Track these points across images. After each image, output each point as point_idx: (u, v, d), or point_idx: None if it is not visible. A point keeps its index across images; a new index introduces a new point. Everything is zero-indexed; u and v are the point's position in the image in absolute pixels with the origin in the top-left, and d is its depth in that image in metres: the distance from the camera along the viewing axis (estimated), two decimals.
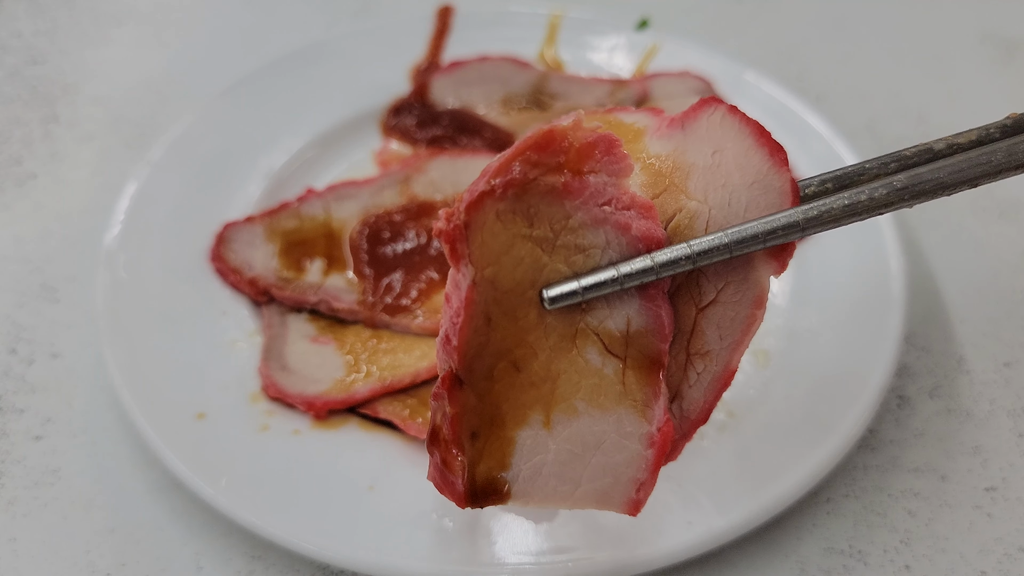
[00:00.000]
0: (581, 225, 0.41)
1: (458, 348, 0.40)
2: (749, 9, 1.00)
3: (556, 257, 0.41)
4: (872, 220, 0.65)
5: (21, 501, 0.56)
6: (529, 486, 0.42)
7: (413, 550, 0.48)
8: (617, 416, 0.42)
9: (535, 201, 0.40)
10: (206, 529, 0.54)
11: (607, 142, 0.41)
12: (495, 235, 0.40)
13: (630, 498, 0.42)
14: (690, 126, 0.44)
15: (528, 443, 0.42)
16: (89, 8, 0.98)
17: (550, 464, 0.42)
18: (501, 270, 0.40)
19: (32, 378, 0.63)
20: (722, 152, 0.43)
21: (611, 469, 0.42)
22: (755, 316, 0.43)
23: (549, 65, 0.82)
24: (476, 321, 0.40)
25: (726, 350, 0.43)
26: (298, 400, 0.55)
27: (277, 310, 0.62)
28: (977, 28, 0.95)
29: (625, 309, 0.41)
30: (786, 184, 0.41)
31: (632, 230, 0.41)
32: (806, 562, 0.53)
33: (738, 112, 0.43)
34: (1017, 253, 0.72)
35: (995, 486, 0.57)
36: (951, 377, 0.63)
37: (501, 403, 0.41)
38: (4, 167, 0.79)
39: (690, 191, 0.43)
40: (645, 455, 0.42)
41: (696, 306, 0.43)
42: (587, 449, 0.42)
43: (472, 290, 0.40)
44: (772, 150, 0.42)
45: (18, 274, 0.70)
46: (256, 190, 0.70)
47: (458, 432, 0.41)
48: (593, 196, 0.41)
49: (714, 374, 0.43)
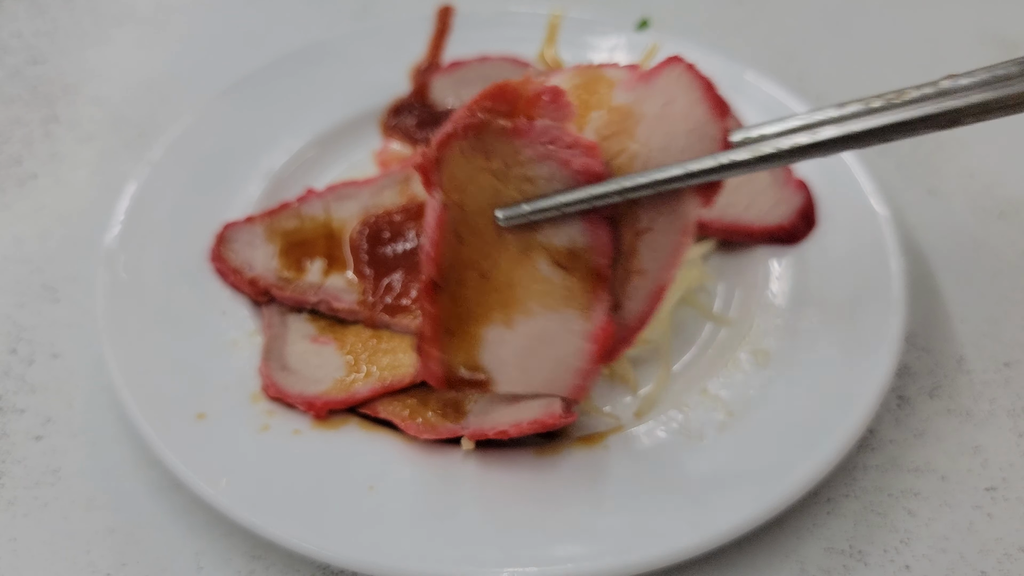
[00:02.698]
0: (528, 160, 0.50)
1: (434, 259, 0.50)
2: (749, 9, 1.00)
3: (510, 186, 0.50)
4: (872, 220, 0.66)
5: (21, 501, 0.56)
6: (495, 375, 0.51)
7: (413, 550, 0.48)
8: (564, 316, 0.50)
9: (491, 140, 0.50)
10: (206, 529, 0.54)
11: (552, 93, 0.50)
12: (460, 167, 0.50)
13: (575, 384, 0.51)
14: (652, 80, 0.51)
15: (493, 339, 0.51)
16: (89, 8, 0.98)
17: (511, 355, 0.51)
18: (466, 196, 0.50)
19: (32, 378, 0.63)
20: (672, 104, 0.50)
21: (560, 360, 0.51)
22: (683, 242, 0.51)
23: (549, 65, 0.82)
24: (448, 236, 0.50)
25: (659, 269, 0.51)
26: (298, 400, 0.55)
27: (277, 310, 0.62)
28: (977, 28, 0.95)
29: (570, 230, 0.50)
30: (719, 132, 0.49)
31: (572, 164, 0.49)
32: (806, 562, 0.53)
33: (694, 70, 0.50)
34: (1017, 253, 0.72)
35: (995, 486, 0.57)
36: (951, 377, 0.63)
37: (471, 305, 0.51)
38: (4, 167, 0.79)
39: (636, 135, 0.50)
40: (587, 348, 0.50)
41: (634, 231, 0.51)
42: (540, 343, 0.51)
43: (443, 211, 0.50)
44: (714, 103, 0.49)
45: (18, 274, 0.70)
46: (256, 190, 0.70)
47: (437, 329, 0.51)
48: (538, 136, 0.50)
49: (649, 289, 0.52)
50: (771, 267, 0.65)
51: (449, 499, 0.51)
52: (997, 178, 0.78)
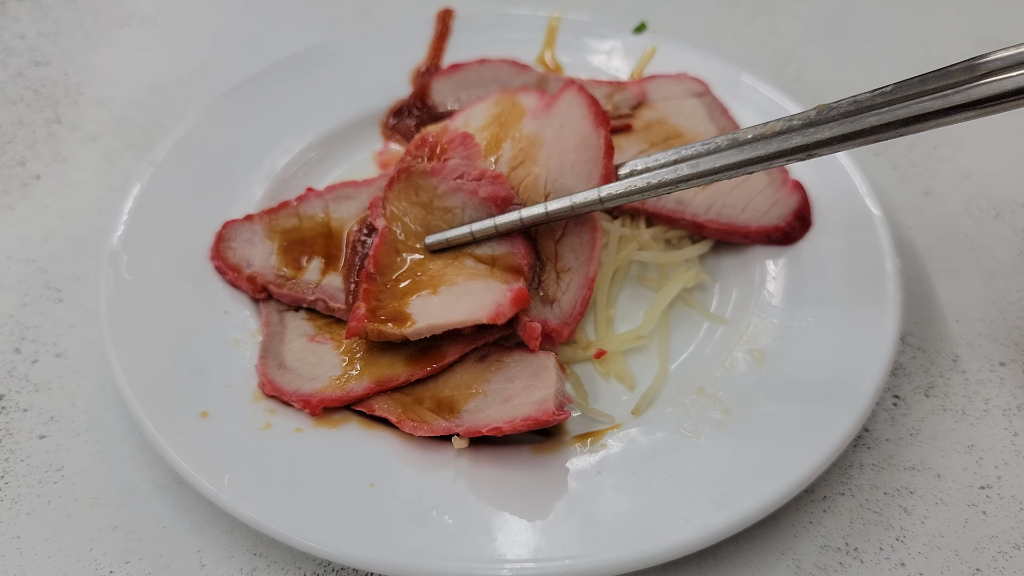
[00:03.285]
0: (444, 193, 0.62)
1: (373, 258, 0.61)
2: (746, 12, 1.00)
3: (435, 216, 0.63)
4: (867, 220, 0.66)
5: (25, 499, 0.56)
6: (416, 318, 0.56)
7: (414, 547, 0.48)
8: (487, 283, 0.58)
9: (416, 179, 0.63)
10: (209, 526, 0.54)
11: (462, 138, 0.64)
12: (399, 202, 0.63)
13: (493, 311, 0.55)
14: (552, 107, 0.63)
15: (419, 301, 0.58)
16: (92, 10, 0.99)
17: (434, 306, 0.57)
18: (403, 224, 0.63)
19: (36, 377, 0.63)
20: (566, 124, 0.62)
21: (479, 299, 0.57)
22: (595, 238, 0.61)
23: (548, 67, 0.82)
24: (388, 249, 0.61)
25: (582, 265, 0.61)
26: (294, 398, 0.56)
27: (275, 308, 0.63)
28: (971, 31, 0.96)
29: (490, 244, 0.61)
30: (601, 140, 0.59)
31: (479, 193, 0.61)
32: (802, 559, 0.53)
33: (583, 90, 0.61)
34: (1012, 253, 0.73)
35: (989, 484, 0.57)
36: (946, 376, 0.63)
37: (403, 293, 0.59)
38: (8, 168, 0.80)
39: (538, 160, 0.62)
40: (505, 292, 0.57)
41: (553, 240, 0.62)
42: (462, 295, 0.58)
43: (384, 232, 0.62)
44: (595, 115, 0.60)
45: (22, 274, 0.70)
46: (258, 191, 0.71)
47: (368, 295, 0.59)
48: (449, 173, 0.62)
49: (579, 282, 0.61)
50: (767, 267, 0.65)
51: (449, 496, 0.51)
52: (992, 179, 0.79)
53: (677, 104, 0.77)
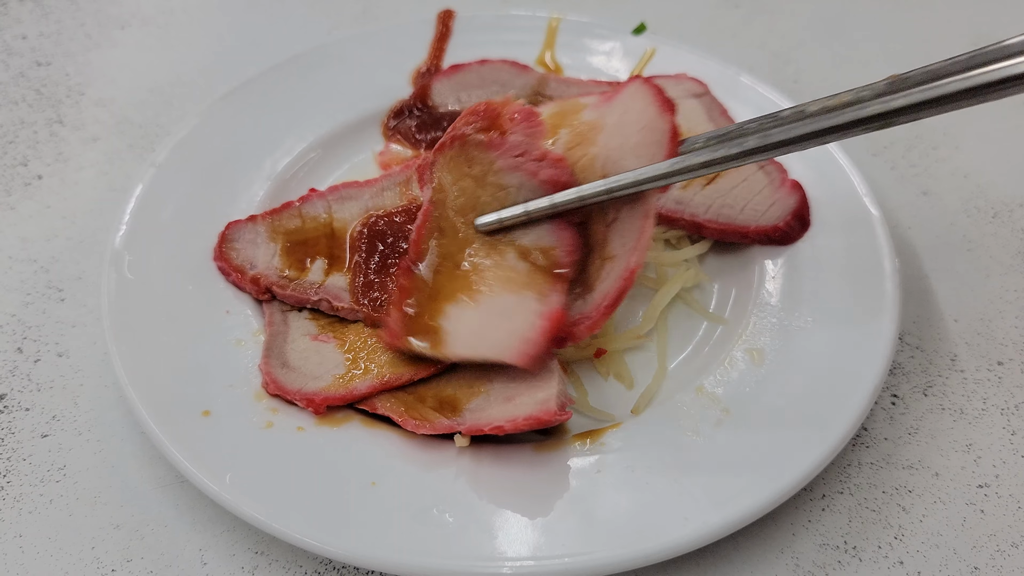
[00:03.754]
0: (501, 170, 0.58)
1: (415, 241, 0.58)
2: (745, 12, 1.01)
3: (486, 192, 0.58)
4: (866, 220, 0.66)
5: (27, 498, 0.56)
6: (449, 338, 0.55)
7: (414, 545, 0.48)
8: (523, 296, 0.56)
9: (472, 150, 0.59)
10: (211, 524, 0.55)
11: (526, 113, 0.58)
12: (448, 172, 0.59)
13: (523, 352, 0.54)
14: (615, 97, 0.59)
15: (455, 312, 0.56)
16: (94, 11, 0.99)
17: (466, 324, 0.55)
18: (449, 196, 0.59)
19: (38, 377, 0.63)
20: (628, 111, 0.57)
21: (512, 330, 0.55)
22: (645, 225, 0.57)
23: (548, 68, 0.83)
24: (431, 227, 0.59)
25: (627, 253, 0.57)
26: (297, 396, 0.56)
27: (279, 308, 0.63)
28: (969, 30, 0.96)
29: (538, 231, 0.57)
30: (667, 125, 0.55)
31: (539, 175, 0.57)
32: (801, 557, 0.54)
33: (649, 81, 0.57)
34: (1010, 253, 0.73)
35: (987, 483, 0.57)
36: (944, 375, 0.64)
37: (441, 287, 0.57)
38: (10, 168, 0.80)
39: (597, 142, 0.58)
40: (539, 323, 0.54)
41: (604, 224, 0.58)
42: (496, 315, 0.55)
43: (430, 204, 0.59)
44: (662, 102, 0.56)
45: (24, 274, 0.71)
46: (260, 191, 0.71)
47: (403, 297, 0.57)
48: (510, 149, 0.58)
49: (619, 272, 0.57)
50: (766, 267, 0.65)
51: (450, 494, 0.51)
52: (990, 179, 0.79)
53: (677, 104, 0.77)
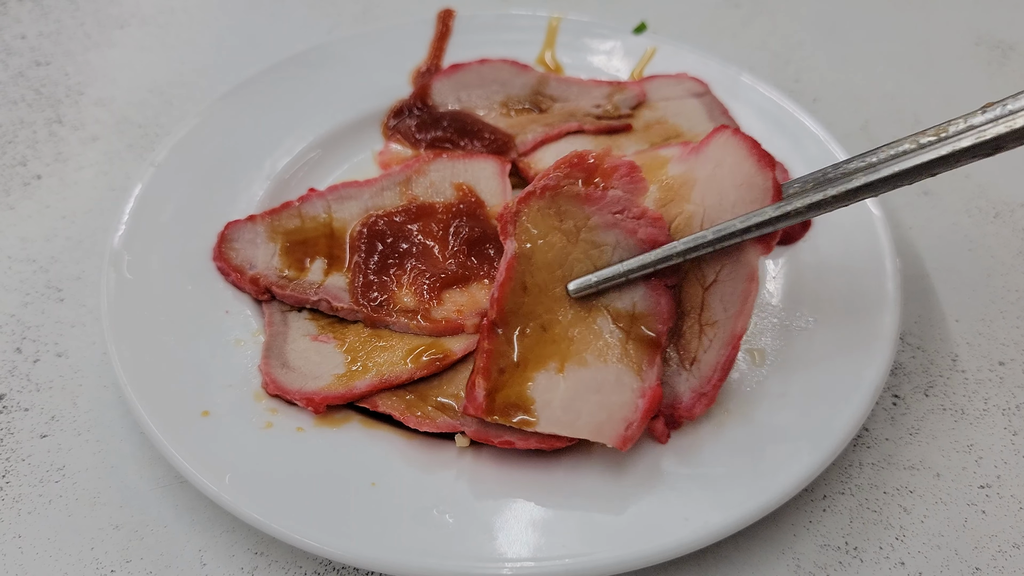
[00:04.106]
0: (597, 226, 0.55)
1: (498, 300, 0.54)
2: (746, 12, 1.00)
3: (578, 248, 0.55)
4: (867, 220, 0.66)
5: (27, 498, 0.56)
6: (539, 413, 0.51)
7: (415, 546, 0.48)
8: (618, 370, 0.52)
9: (565, 203, 0.55)
10: (210, 525, 0.55)
11: (628, 167, 0.55)
12: (536, 224, 0.55)
13: (620, 434, 0.51)
14: (702, 150, 0.56)
15: (543, 382, 0.52)
16: (93, 11, 0.99)
17: (558, 398, 0.52)
18: (537, 250, 0.55)
19: (37, 377, 0.63)
20: (721, 165, 0.54)
21: (607, 408, 0.51)
22: (750, 289, 0.53)
23: (548, 68, 0.82)
24: (515, 284, 0.54)
25: (730, 319, 0.54)
26: (297, 396, 0.56)
27: (278, 308, 0.63)
28: (971, 31, 0.96)
29: (632, 295, 0.54)
30: (768, 182, 0.52)
31: (638, 234, 0.54)
32: (802, 558, 0.53)
33: (740, 133, 0.54)
34: (1011, 253, 0.73)
35: (989, 483, 0.57)
36: (945, 376, 0.64)
37: (527, 352, 0.53)
38: (9, 168, 0.80)
39: (691, 198, 0.55)
40: (637, 402, 0.51)
41: (702, 286, 0.55)
42: (590, 390, 0.52)
43: (513, 259, 0.54)
44: (760, 157, 0.53)
45: (23, 274, 0.70)
46: (259, 191, 0.71)
47: (489, 365, 0.53)
48: (608, 205, 0.55)
49: (723, 339, 0.54)
50: (767, 267, 0.65)
51: (450, 495, 0.51)
52: (991, 179, 0.79)
53: (677, 104, 0.77)
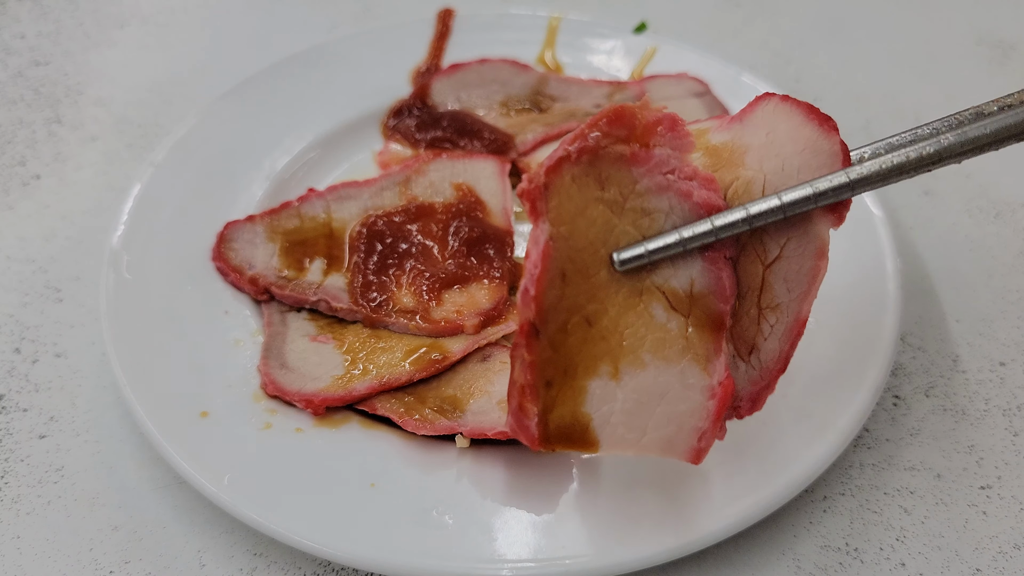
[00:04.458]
0: (647, 191, 0.45)
1: (535, 298, 0.43)
2: (746, 12, 1.00)
3: (624, 219, 0.45)
4: (868, 220, 0.66)
5: (25, 499, 0.56)
6: (599, 433, 0.45)
7: (414, 547, 0.48)
8: (681, 368, 0.44)
9: (606, 167, 0.44)
10: (209, 526, 0.54)
11: (671, 120, 0.46)
12: (571, 197, 0.44)
13: (692, 447, 0.44)
14: (747, 118, 0.47)
15: (598, 392, 0.44)
16: (92, 10, 0.99)
17: (618, 412, 0.45)
18: (575, 229, 0.44)
19: (36, 377, 0.63)
20: (775, 132, 0.46)
21: (675, 418, 0.44)
22: (819, 267, 0.45)
23: (548, 67, 0.82)
24: (552, 275, 0.43)
25: (795, 301, 0.46)
26: (296, 397, 0.56)
27: (277, 308, 0.63)
28: (973, 30, 0.96)
29: (689, 270, 0.45)
30: (835, 146, 0.44)
31: (693, 197, 0.45)
32: (802, 559, 0.53)
33: (789, 98, 0.46)
34: (1012, 253, 0.73)
35: (990, 484, 0.57)
36: (946, 376, 0.63)
37: (574, 355, 0.44)
38: (8, 168, 0.80)
39: (746, 164, 0.46)
40: (707, 405, 0.44)
41: (762, 263, 0.46)
42: (652, 398, 0.44)
43: (549, 245, 0.43)
44: (820, 121, 0.45)
45: (22, 274, 0.70)
46: (259, 191, 0.71)
47: (535, 379, 0.43)
48: (658, 165, 0.45)
49: (787, 325, 0.46)
50: None
51: (450, 496, 0.51)
52: (992, 179, 0.79)
53: (678, 104, 0.77)
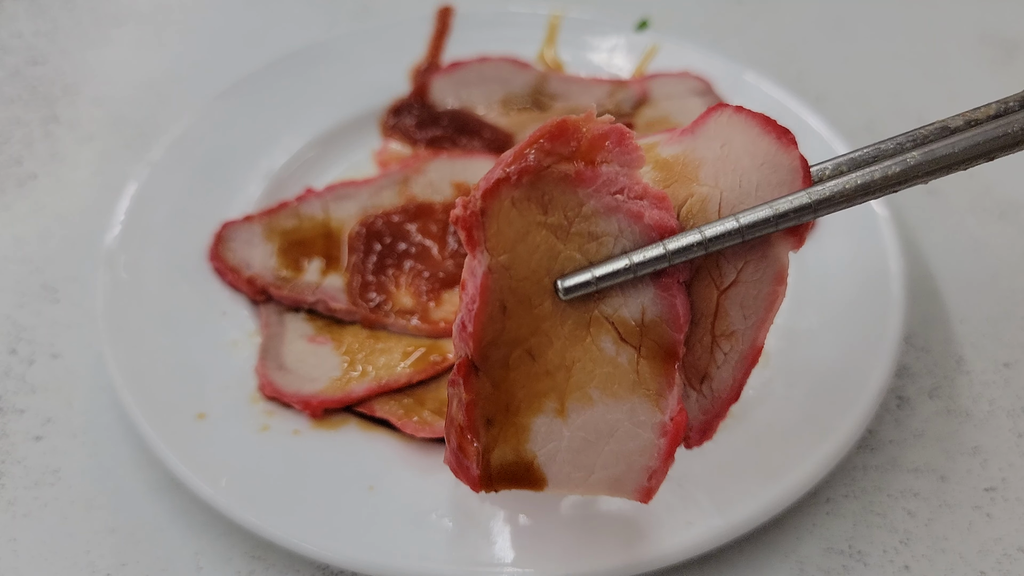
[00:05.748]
0: (594, 213, 0.41)
1: (473, 335, 0.41)
2: (749, 9, 1.00)
3: (570, 245, 0.41)
4: (872, 220, 0.66)
5: (21, 501, 0.56)
6: (543, 472, 0.43)
7: (413, 550, 0.48)
8: (631, 405, 0.42)
9: (549, 189, 0.41)
10: (206, 529, 0.54)
11: (618, 133, 0.42)
12: (510, 222, 0.41)
13: (642, 486, 0.43)
14: (699, 130, 0.45)
15: (543, 431, 0.42)
16: (89, 8, 0.98)
17: (564, 451, 0.43)
18: (516, 257, 0.41)
19: (32, 378, 0.63)
20: (730, 144, 0.43)
21: (624, 457, 0.43)
22: (777, 292, 0.43)
23: (549, 66, 0.82)
24: (491, 308, 0.41)
25: (751, 328, 0.44)
26: (294, 399, 0.55)
27: (275, 309, 0.63)
28: (976, 28, 0.95)
29: (640, 298, 0.42)
30: (795, 161, 0.42)
31: (644, 218, 0.41)
32: (805, 562, 0.53)
33: (743, 109, 0.44)
34: (1017, 253, 0.72)
35: (994, 486, 0.57)
36: (950, 377, 0.63)
37: (516, 391, 0.42)
38: (4, 167, 0.79)
39: (700, 179, 0.43)
40: (658, 444, 0.42)
41: (717, 288, 0.43)
42: (600, 437, 0.42)
43: (487, 276, 0.41)
44: (778, 133, 0.42)
45: (18, 274, 0.70)
46: (256, 190, 0.70)
47: (473, 418, 0.42)
48: (605, 184, 0.41)
49: (741, 353, 0.44)
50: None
51: (449, 499, 0.51)
52: (997, 178, 0.78)
53: (680, 102, 0.76)
